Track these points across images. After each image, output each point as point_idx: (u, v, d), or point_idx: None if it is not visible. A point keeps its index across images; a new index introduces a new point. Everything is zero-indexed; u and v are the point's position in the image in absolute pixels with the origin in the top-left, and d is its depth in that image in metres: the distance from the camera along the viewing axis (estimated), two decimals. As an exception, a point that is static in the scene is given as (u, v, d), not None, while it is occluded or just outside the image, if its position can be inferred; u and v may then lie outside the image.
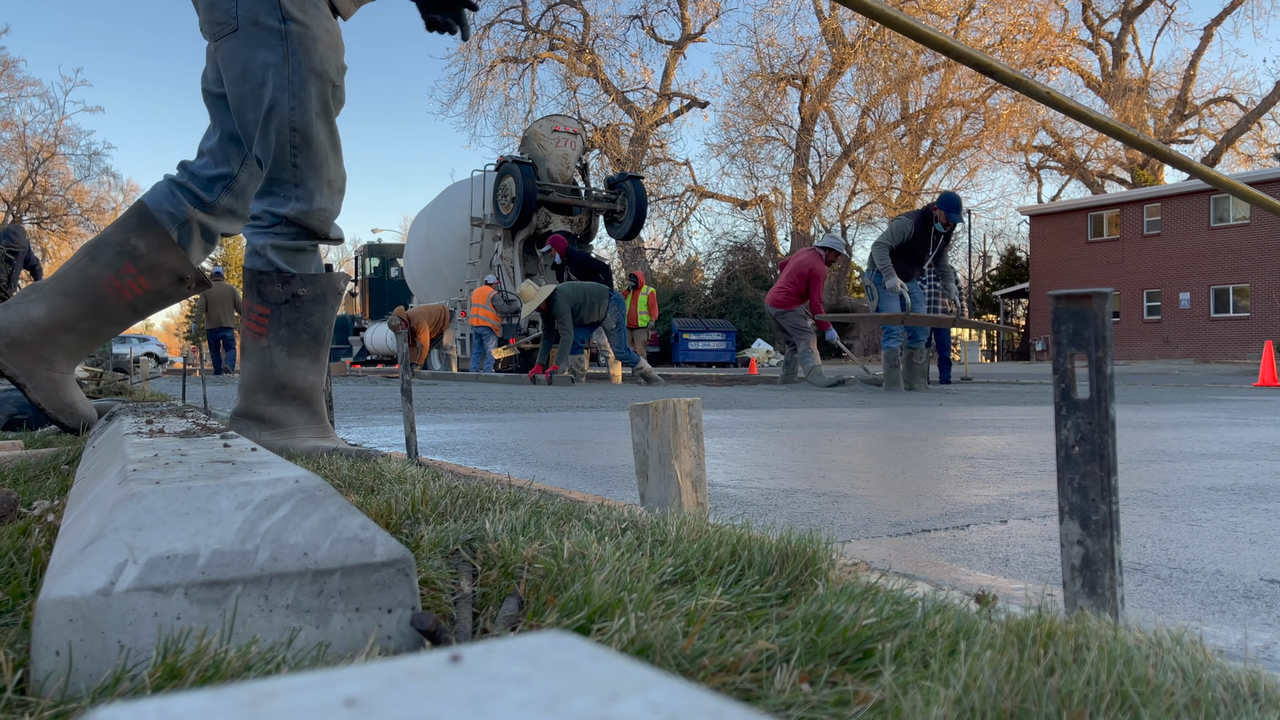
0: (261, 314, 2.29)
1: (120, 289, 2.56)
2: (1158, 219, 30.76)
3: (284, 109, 2.18)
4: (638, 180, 15.02)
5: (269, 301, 2.28)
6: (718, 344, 28.80)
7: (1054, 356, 0.91)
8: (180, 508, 0.84)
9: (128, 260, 2.56)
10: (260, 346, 2.29)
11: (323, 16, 2.25)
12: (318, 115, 2.22)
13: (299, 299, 2.29)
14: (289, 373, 2.29)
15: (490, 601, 0.98)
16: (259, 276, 2.29)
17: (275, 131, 2.20)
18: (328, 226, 2.33)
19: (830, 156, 39.56)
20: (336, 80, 2.28)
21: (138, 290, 2.58)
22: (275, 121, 2.19)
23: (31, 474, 1.87)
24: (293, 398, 2.31)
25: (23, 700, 0.70)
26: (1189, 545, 1.65)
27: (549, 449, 3.34)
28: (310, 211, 2.26)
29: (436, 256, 16.47)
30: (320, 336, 2.35)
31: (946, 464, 2.91)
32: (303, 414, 2.33)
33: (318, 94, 2.22)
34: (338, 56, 2.28)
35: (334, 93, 2.28)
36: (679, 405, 1.51)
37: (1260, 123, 38.62)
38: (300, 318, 2.30)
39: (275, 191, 2.25)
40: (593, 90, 40.50)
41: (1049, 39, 35.59)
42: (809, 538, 1.09)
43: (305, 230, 2.28)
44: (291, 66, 2.18)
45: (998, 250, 43.22)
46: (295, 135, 2.20)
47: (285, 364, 2.29)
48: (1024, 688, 0.69)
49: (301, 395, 2.32)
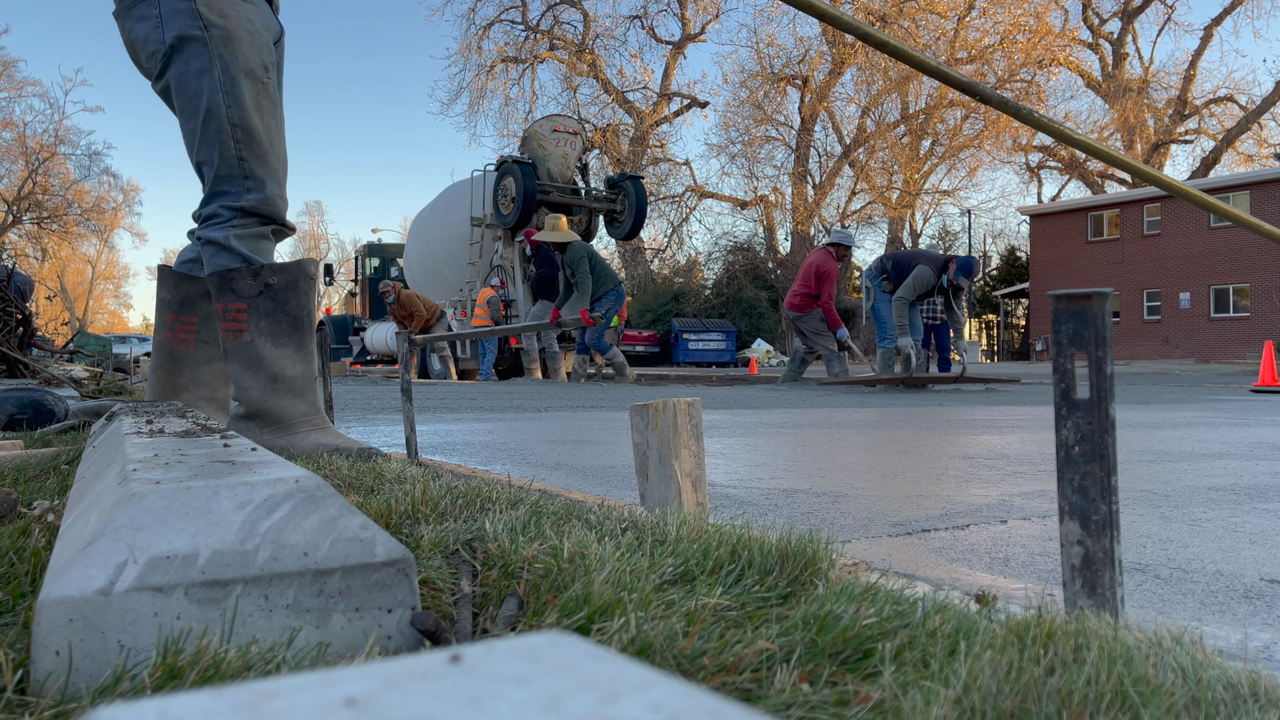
0: (238, 310, 2.31)
1: (174, 339, 2.67)
2: (1158, 219, 30.75)
3: (221, 109, 2.27)
4: (638, 180, 15.02)
5: (243, 296, 2.31)
6: (718, 344, 28.80)
7: (1054, 356, 0.91)
8: (180, 508, 0.84)
9: (164, 311, 2.68)
10: (243, 343, 2.31)
11: (243, 17, 2.33)
12: (254, 110, 2.32)
13: (272, 288, 2.32)
14: (277, 363, 2.31)
15: (490, 601, 0.98)
16: (228, 274, 2.32)
17: (217, 131, 2.28)
18: (284, 212, 2.40)
19: (830, 156, 39.56)
20: (264, 77, 2.36)
21: (186, 333, 2.67)
22: (215, 123, 2.28)
23: (31, 474, 1.88)
24: (286, 390, 2.31)
25: (23, 700, 0.70)
26: (1189, 545, 1.65)
27: (549, 449, 3.34)
28: (266, 199, 2.34)
29: (436, 256, 16.45)
30: (300, 323, 2.36)
31: (946, 464, 2.91)
32: (299, 406, 2.33)
33: (250, 90, 2.31)
34: (261, 53, 2.37)
35: (264, 89, 2.36)
36: (679, 405, 1.51)
37: (1260, 123, 38.61)
38: (277, 307, 2.32)
39: (227, 190, 2.32)
40: (593, 90, 40.51)
41: (1049, 39, 35.57)
42: (809, 538, 1.09)
43: (264, 218, 2.35)
44: (220, 68, 2.28)
45: (998, 250, 43.22)
46: (237, 131, 2.29)
47: (272, 355, 2.31)
48: (1024, 688, 0.69)
49: (294, 386, 2.33)
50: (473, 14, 38.90)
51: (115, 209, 53.84)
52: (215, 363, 2.66)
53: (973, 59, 35.56)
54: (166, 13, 2.26)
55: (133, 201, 54.86)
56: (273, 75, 2.40)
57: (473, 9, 38.62)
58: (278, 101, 2.42)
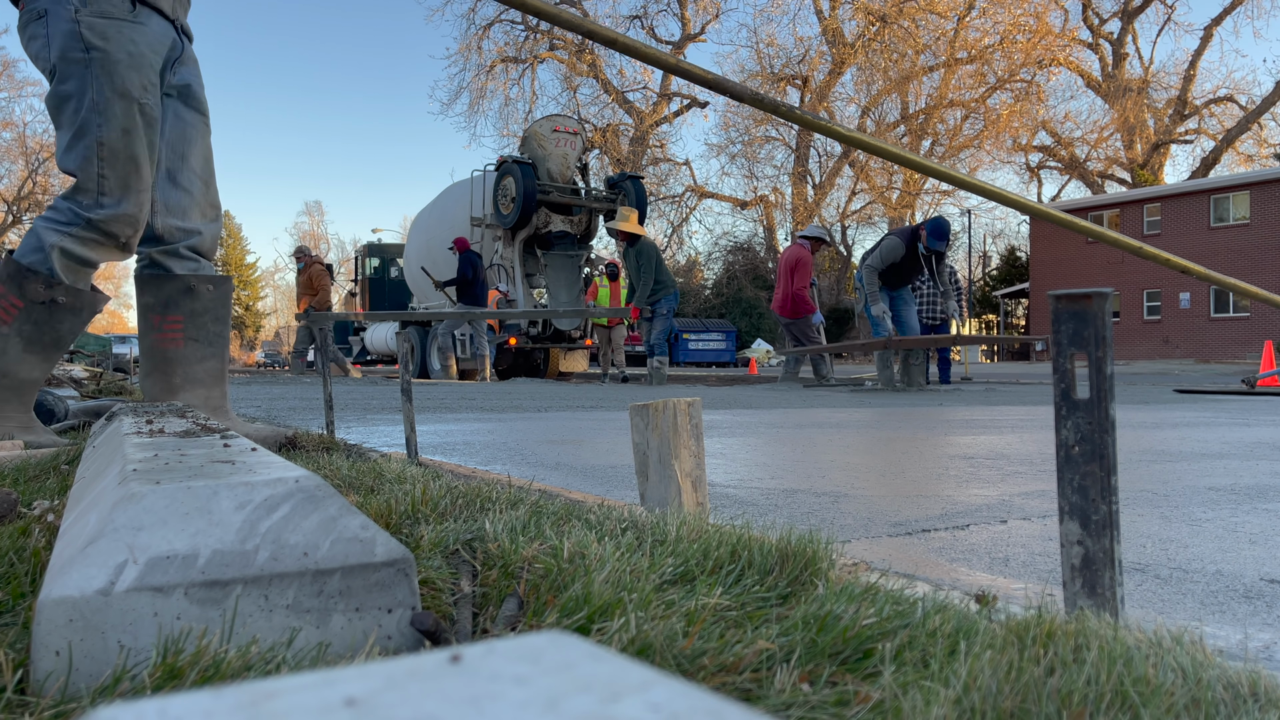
0: (14, 305, 2.43)
1: (164, 339, 2.73)
2: (1158, 219, 30.76)
3: (93, 128, 2.41)
4: (638, 180, 15.00)
5: (26, 298, 2.43)
6: (717, 344, 28.80)
7: (1054, 356, 0.91)
8: (180, 508, 0.84)
9: (149, 315, 2.75)
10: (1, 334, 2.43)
11: (125, 40, 2.44)
12: (124, 132, 2.44)
13: (57, 305, 2.45)
14: (16, 365, 2.44)
15: (490, 601, 0.98)
16: (25, 271, 2.43)
17: (85, 147, 2.42)
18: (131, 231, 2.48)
19: (830, 156, 39.55)
20: (141, 97, 2.47)
21: (174, 332, 2.74)
22: (84, 139, 2.41)
23: (31, 474, 1.87)
24: (9, 388, 2.46)
25: (23, 700, 0.70)
26: (1189, 545, 1.65)
27: (549, 449, 3.34)
28: (116, 216, 2.44)
29: (436, 257, 16.46)
30: (61, 344, 2.51)
31: (946, 464, 2.91)
32: (13, 403, 2.47)
33: (123, 111, 2.44)
34: (141, 74, 2.48)
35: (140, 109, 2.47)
36: (679, 405, 1.51)
37: (1260, 123, 38.61)
38: (50, 321, 2.46)
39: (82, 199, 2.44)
40: (593, 90, 40.52)
41: (1049, 39, 35.57)
42: (809, 538, 1.09)
43: (108, 235, 2.45)
44: (95, 89, 2.41)
45: (998, 250, 43.23)
46: (103, 149, 2.42)
47: (16, 356, 2.44)
48: (1024, 688, 0.69)
49: (19, 388, 2.47)
50: (473, 14, 38.95)
51: (115, 209, 53.67)
52: (208, 360, 2.70)
53: (973, 59, 35.55)
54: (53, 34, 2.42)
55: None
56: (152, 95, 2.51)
57: (473, 9, 38.66)
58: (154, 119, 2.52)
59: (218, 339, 2.72)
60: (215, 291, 2.70)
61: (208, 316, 2.69)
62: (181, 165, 2.66)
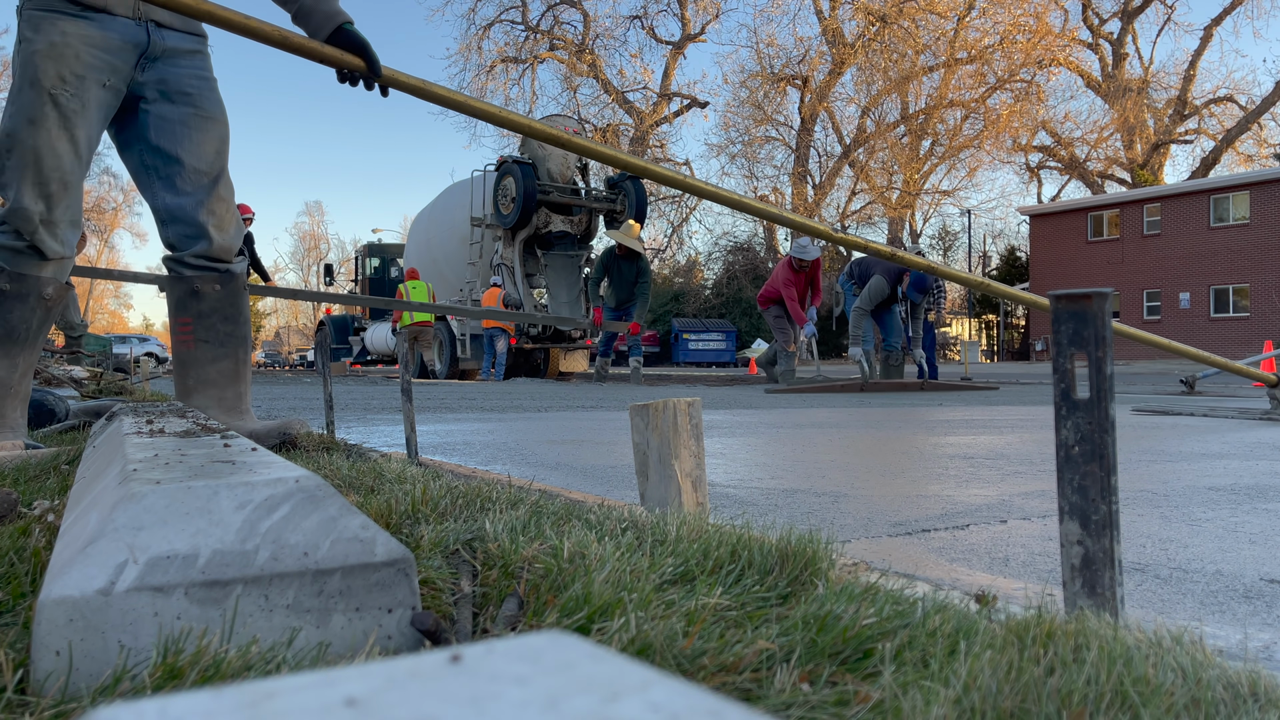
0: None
1: (178, 341, 2.70)
2: (1158, 219, 30.75)
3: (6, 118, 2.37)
4: (638, 180, 15.01)
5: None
6: (717, 344, 28.81)
7: (1054, 356, 0.91)
8: (180, 508, 0.84)
9: (171, 318, 2.72)
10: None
11: (54, 31, 2.38)
12: (29, 122, 2.36)
13: (2, 294, 2.38)
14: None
15: (490, 601, 0.98)
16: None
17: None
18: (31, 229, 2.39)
19: (830, 156, 39.55)
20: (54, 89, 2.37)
21: (185, 334, 2.71)
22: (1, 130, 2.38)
23: (31, 474, 1.88)
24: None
25: (23, 700, 0.70)
26: (1189, 545, 1.65)
27: (549, 449, 3.34)
28: (14, 210, 2.37)
29: (436, 256, 16.46)
30: (14, 334, 2.42)
31: (946, 464, 2.91)
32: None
33: (31, 102, 2.37)
34: (60, 65, 2.38)
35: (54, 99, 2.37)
36: (679, 405, 1.51)
37: (1260, 123, 38.59)
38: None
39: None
40: (593, 90, 40.50)
41: (1049, 39, 35.55)
42: (809, 538, 1.09)
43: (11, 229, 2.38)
44: (15, 80, 2.39)
45: (998, 250, 43.21)
46: (8, 139, 2.36)
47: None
48: (1024, 688, 0.69)
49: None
50: (473, 14, 38.95)
51: (115, 209, 53.84)
52: (221, 361, 2.67)
53: (973, 59, 35.55)
54: (15, 25, 2.44)
55: (133, 202, 54.77)
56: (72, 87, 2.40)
57: (473, 9, 38.65)
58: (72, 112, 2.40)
59: (229, 338, 2.67)
60: (222, 291, 2.66)
61: (216, 317, 2.65)
62: (178, 169, 2.56)
